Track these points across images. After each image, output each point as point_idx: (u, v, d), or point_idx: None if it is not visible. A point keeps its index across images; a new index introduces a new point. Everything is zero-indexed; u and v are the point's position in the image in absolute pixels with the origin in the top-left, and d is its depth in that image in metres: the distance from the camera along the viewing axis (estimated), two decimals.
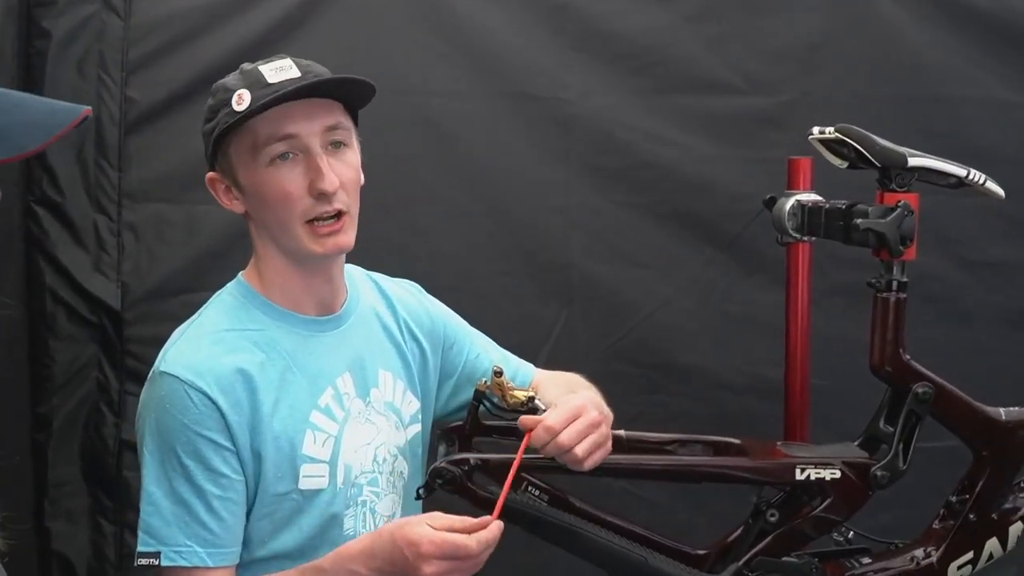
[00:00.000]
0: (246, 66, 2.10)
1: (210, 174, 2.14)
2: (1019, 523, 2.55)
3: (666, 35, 3.48)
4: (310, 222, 2.06)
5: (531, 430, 2.09)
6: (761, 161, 3.43)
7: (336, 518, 2.12)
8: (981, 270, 3.63)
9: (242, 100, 2.02)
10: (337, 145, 2.09)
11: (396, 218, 3.30)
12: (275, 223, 2.09)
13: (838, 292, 3.37)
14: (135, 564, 2.03)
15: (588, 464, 2.12)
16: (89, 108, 1.49)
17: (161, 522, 2.00)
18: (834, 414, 3.04)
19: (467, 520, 1.95)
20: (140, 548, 2.02)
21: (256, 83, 2.04)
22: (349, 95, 2.11)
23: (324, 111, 2.07)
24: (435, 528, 1.92)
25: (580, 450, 2.09)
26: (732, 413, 3.49)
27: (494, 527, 1.94)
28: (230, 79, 2.09)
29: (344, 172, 2.07)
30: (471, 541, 1.91)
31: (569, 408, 2.11)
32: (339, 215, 2.07)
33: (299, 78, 2.04)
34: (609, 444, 2.17)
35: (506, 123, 3.43)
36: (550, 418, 2.09)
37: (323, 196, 2.04)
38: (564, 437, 2.08)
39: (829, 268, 3.33)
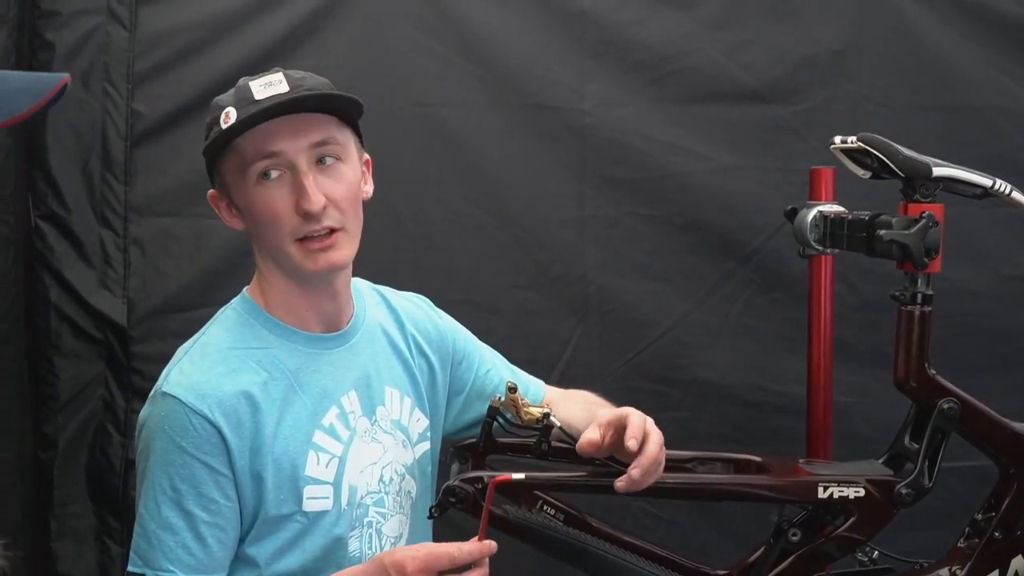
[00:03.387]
0: (241, 81, 2.06)
1: (211, 191, 2.12)
2: None
3: (685, 43, 3.43)
4: (301, 240, 2.02)
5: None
6: (782, 171, 3.40)
7: (341, 540, 2.09)
8: (1012, 283, 3.55)
9: (228, 118, 1.99)
10: (326, 161, 2.04)
11: (408, 231, 3.26)
12: (268, 241, 2.05)
13: (867, 306, 3.33)
14: None
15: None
16: (67, 75, 1.52)
17: (147, 545, 1.99)
18: (858, 431, 2.98)
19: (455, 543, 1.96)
20: (128, 568, 2.02)
21: (243, 100, 2.00)
22: (341, 109, 2.07)
23: (313, 127, 2.02)
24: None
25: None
26: (752, 430, 3.44)
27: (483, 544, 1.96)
28: (224, 95, 2.06)
29: (334, 188, 2.03)
30: (453, 549, 1.92)
31: (655, 450, 2.15)
32: (331, 232, 2.03)
33: (286, 93, 2.00)
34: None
35: (521, 134, 3.38)
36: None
37: (309, 216, 2.00)
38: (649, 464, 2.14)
39: (857, 281, 3.31)
